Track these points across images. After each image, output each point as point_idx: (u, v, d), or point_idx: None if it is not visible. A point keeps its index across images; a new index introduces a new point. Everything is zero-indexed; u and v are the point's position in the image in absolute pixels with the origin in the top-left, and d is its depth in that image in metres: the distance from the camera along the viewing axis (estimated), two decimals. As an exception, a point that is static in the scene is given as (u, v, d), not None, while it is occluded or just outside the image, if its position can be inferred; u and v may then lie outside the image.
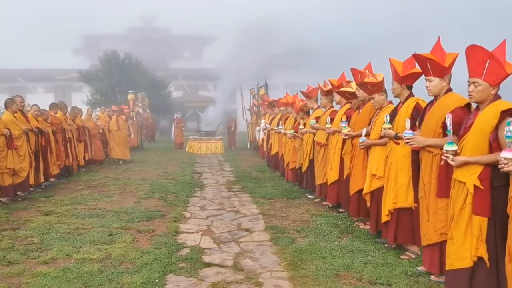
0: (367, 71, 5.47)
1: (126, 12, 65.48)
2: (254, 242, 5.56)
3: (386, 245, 5.02)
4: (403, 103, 4.82)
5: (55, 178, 10.56)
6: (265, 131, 13.39)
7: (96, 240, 5.34)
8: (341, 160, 6.80)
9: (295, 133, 9.08)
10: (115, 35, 49.30)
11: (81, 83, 31.73)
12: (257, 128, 16.36)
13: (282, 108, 11.48)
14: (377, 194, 5.26)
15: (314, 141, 8.20)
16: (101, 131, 14.49)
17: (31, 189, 8.75)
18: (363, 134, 5.44)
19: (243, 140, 23.06)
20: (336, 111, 7.39)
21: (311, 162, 8.26)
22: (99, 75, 27.42)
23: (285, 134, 9.85)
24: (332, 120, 7.17)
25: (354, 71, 5.82)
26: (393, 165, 4.70)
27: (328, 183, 7.12)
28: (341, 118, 6.78)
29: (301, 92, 8.76)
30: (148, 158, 16.73)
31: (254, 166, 13.97)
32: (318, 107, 8.51)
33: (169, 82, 32.38)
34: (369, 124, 5.56)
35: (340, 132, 6.68)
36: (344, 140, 6.70)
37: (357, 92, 5.99)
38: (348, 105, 6.95)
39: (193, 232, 5.99)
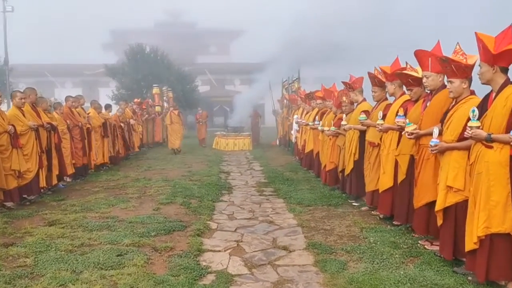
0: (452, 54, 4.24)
1: (153, 7, 65.13)
2: (295, 266, 4.48)
3: (470, 278, 3.85)
4: (497, 92, 3.63)
5: (71, 178, 9.75)
6: (300, 126, 12.23)
7: (101, 262, 4.35)
8: (396, 163, 5.64)
9: (338, 130, 7.93)
10: (142, 29, 48.85)
11: (108, 78, 31.36)
12: (293, 122, 15.24)
13: (318, 101, 10.32)
14: (454, 211, 4.09)
15: (359, 139, 7.06)
16: (122, 125, 13.67)
17: (42, 191, 7.90)
18: (435, 135, 4.25)
19: (271, 136, 21.99)
20: (390, 105, 6.22)
21: (357, 163, 7.10)
22: (124, 69, 26.79)
23: (323, 131, 8.70)
24: (384, 116, 6.00)
25: (421, 54, 4.64)
26: (484, 176, 3.54)
27: (380, 190, 5.96)
28: (397, 112, 5.62)
29: (343, 82, 7.58)
30: (173, 156, 15.84)
31: (285, 165, 12.87)
32: (364, 100, 7.34)
33: (195, 76, 31.55)
34: (442, 121, 4.35)
35: (396, 129, 5.52)
36: (399, 139, 5.54)
37: (424, 80, 4.79)
38: (405, 97, 5.77)
39: (219, 251, 4.95)
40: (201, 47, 50.63)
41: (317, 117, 9.93)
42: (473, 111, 3.65)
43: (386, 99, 6.59)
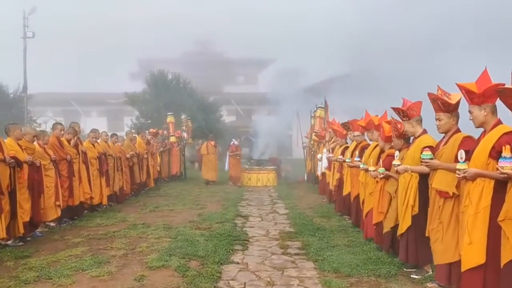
0: None
1: (181, 36, 65.05)
2: None
3: None
4: None
5: (56, 223, 8.06)
6: (333, 162, 10.27)
7: None
8: (492, 230, 3.66)
9: (387, 171, 5.97)
10: (169, 58, 48.33)
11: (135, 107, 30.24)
12: (318, 156, 13.31)
13: (356, 133, 8.39)
14: None
15: (419, 185, 5.11)
16: (130, 155, 12.07)
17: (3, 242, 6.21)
18: None
19: (298, 170, 20.04)
20: (472, 139, 4.28)
21: (416, 220, 5.12)
22: (145, 97, 25.53)
23: (367, 170, 6.75)
24: (467, 153, 4.05)
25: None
26: None
27: (464, 268, 3.96)
28: (491, 150, 3.69)
29: (394, 109, 5.63)
30: (187, 191, 14.10)
31: (314, 207, 10.88)
32: (425, 131, 5.40)
33: (220, 105, 30.09)
34: None
35: (494, 177, 3.57)
36: (496, 194, 3.59)
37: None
38: (504, 128, 3.83)
39: None
40: (229, 76, 49.83)
41: (356, 152, 7.98)
42: None
43: (458, 130, 4.66)
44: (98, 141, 10.37)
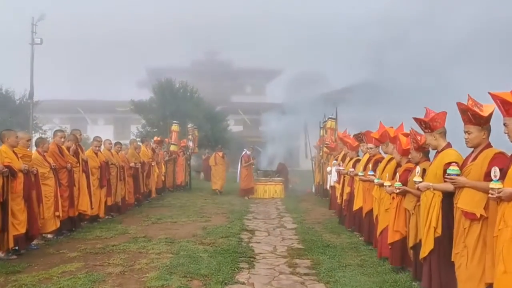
0: None
1: (189, 46, 65.08)
2: None
3: None
4: None
5: (53, 235, 7.70)
6: (343, 175, 9.85)
7: None
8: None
9: (405, 187, 5.56)
10: (177, 68, 48.30)
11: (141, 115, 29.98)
12: (328, 169, 12.88)
13: (370, 145, 7.98)
14: None
15: (442, 204, 4.69)
16: (134, 165, 11.73)
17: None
18: None
19: (305, 181, 19.65)
20: (505, 155, 3.87)
21: (439, 242, 4.69)
22: (151, 105, 25.27)
23: (382, 186, 6.33)
24: (501, 171, 3.64)
25: None
26: None
27: (497, 300, 3.53)
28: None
29: (416, 120, 5.22)
30: (192, 202, 13.71)
31: (323, 221, 10.45)
32: (448, 145, 4.98)
33: (227, 115, 29.78)
34: None
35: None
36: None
37: None
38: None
39: None
40: (237, 86, 49.71)
41: (369, 165, 7.56)
42: None
43: (489, 145, 4.25)
44: (101, 149, 10.04)
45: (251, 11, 56.58)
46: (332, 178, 11.69)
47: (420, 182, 4.98)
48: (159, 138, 16.47)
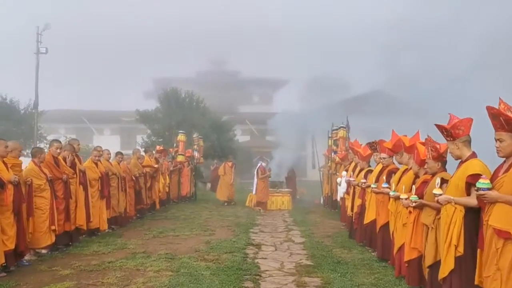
0: None
1: (196, 56, 65.09)
2: None
3: None
4: None
5: (48, 250, 7.30)
6: (354, 186, 9.37)
7: None
8: None
9: (421, 200, 5.10)
10: (184, 78, 48.20)
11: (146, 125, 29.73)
12: (338, 180, 12.38)
13: (383, 155, 7.52)
14: None
15: (464, 220, 4.24)
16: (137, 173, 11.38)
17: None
18: None
19: (312, 192, 19.18)
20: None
21: (460, 262, 4.23)
22: (157, 115, 24.95)
23: (398, 198, 5.86)
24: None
25: None
26: None
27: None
28: None
29: (438, 126, 4.75)
30: (196, 214, 13.28)
31: (333, 235, 9.96)
32: (473, 155, 4.52)
33: (233, 125, 29.39)
34: None
35: None
36: None
37: None
38: None
39: None
40: (243, 96, 49.43)
41: (384, 177, 7.09)
42: None
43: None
44: (101, 159, 9.66)
45: (258, 19, 56.41)
46: (341, 190, 11.21)
47: (440, 194, 4.53)
48: (161, 148, 16.08)
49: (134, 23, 63.05)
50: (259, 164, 16.02)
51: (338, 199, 12.62)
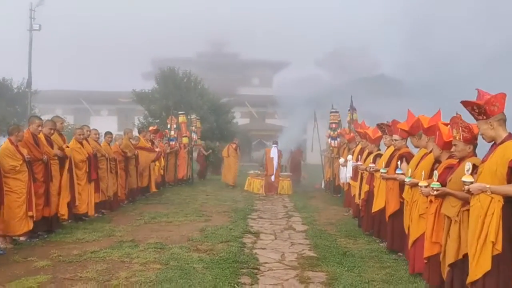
0: None
1: (196, 37, 63.94)
2: None
3: None
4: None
5: (27, 237, 6.66)
6: (361, 171, 8.69)
7: None
8: None
9: (445, 188, 4.43)
10: (184, 59, 47.22)
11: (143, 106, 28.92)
12: (341, 160, 11.70)
13: (396, 136, 6.81)
14: None
15: (502, 212, 3.58)
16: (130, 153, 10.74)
17: None
18: None
19: (313, 176, 18.58)
20: None
21: (498, 261, 3.58)
22: (154, 95, 24.19)
23: (416, 186, 5.19)
24: None
25: None
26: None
27: None
28: None
29: (467, 103, 4.05)
30: (192, 198, 12.66)
31: (336, 222, 9.34)
32: (510, 135, 3.84)
33: (232, 106, 28.64)
34: None
35: None
36: None
37: None
38: None
39: None
40: (243, 78, 48.53)
41: (397, 162, 6.40)
42: None
43: None
44: (89, 140, 8.97)
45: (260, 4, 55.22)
46: (347, 174, 10.54)
47: (471, 182, 3.86)
48: (155, 128, 15.40)
49: (134, 2, 61.68)
50: (273, 148, 15.17)
51: (341, 183, 12.00)
